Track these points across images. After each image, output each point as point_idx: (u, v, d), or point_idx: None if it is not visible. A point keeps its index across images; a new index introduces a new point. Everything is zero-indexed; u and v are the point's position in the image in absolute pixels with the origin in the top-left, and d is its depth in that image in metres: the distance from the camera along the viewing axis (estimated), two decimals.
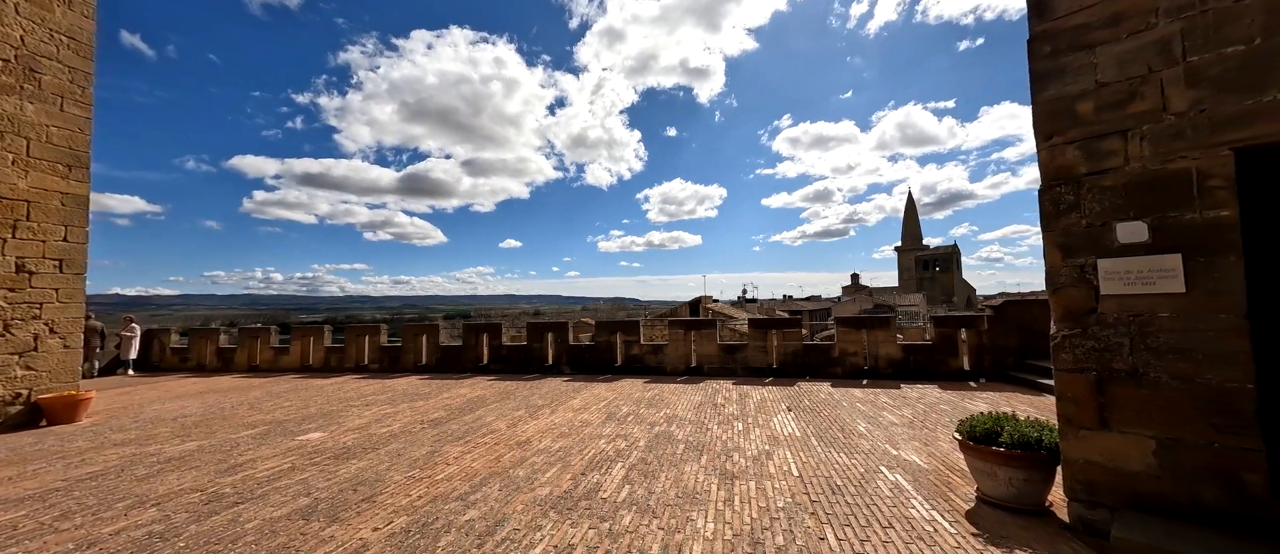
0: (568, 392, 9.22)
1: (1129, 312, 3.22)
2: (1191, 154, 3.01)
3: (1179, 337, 3.03)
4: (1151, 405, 3.12)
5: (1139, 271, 3.17)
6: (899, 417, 6.70)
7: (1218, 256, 2.92)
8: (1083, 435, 3.38)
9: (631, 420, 6.80)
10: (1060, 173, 3.54)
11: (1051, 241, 3.57)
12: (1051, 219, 3.56)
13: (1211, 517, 2.90)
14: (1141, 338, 3.16)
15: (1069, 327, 3.47)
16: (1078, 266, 3.43)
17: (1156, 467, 3.09)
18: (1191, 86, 3.02)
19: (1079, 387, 3.41)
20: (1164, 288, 3.08)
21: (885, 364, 10.17)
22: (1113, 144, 3.31)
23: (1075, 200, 3.46)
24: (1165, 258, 3.08)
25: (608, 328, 11.97)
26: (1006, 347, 9.71)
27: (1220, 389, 2.89)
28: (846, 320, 10.80)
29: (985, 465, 3.82)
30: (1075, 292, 3.44)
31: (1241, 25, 2.86)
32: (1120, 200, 3.26)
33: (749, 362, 10.88)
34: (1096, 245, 3.35)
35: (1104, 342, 3.31)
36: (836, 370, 10.45)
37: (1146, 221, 3.16)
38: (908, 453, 5.14)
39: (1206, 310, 2.94)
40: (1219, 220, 2.92)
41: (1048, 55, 3.61)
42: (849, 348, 10.47)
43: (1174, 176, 3.07)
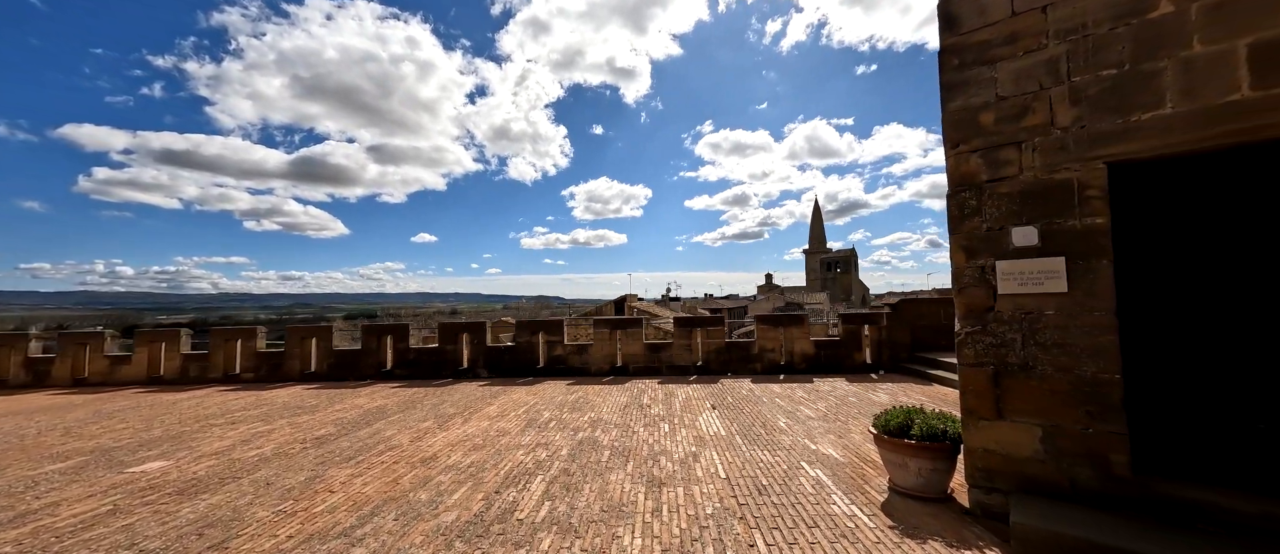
0: (484, 397, 8.53)
1: (1021, 310, 3.49)
2: (1073, 166, 3.32)
3: (1061, 332, 3.33)
4: (1039, 396, 3.40)
5: (1030, 273, 3.44)
6: (814, 410, 6.98)
7: (1093, 260, 3.23)
8: (981, 426, 3.62)
9: (554, 427, 6.38)
10: (965, 179, 3.76)
11: (956, 244, 3.79)
12: (957, 223, 3.78)
13: (1085, 495, 3.21)
14: (1031, 334, 3.44)
15: (971, 324, 3.70)
16: (979, 268, 3.67)
17: (1042, 452, 3.38)
18: (1074, 104, 3.32)
19: (979, 380, 3.64)
20: (1050, 288, 3.37)
21: (799, 359, 10.70)
22: (1009, 154, 3.57)
23: (977, 205, 3.69)
24: (1051, 260, 3.36)
25: (529, 328, 11.35)
26: (901, 341, 10.64)
27: (1094, 380, 3.21)
28: (766, 319, 11.21)
29: (898, 457, 3.98)
30: (977, 291, 3.68)
31: (1114, 51, 3.19)
32: (1015, 206, 3.53)
33: (674, 360, 10.89)
34: (995, 248, 3.60)
35: (1000, 338, 3.56)
36: (756, 366, 10.80)
37: (1037, 227, 3.43)
38: (825, 447, 5.30)
39: (1083, 309, 3.26)
40: (1094, 227, 3.24)
41: (955, 68, 3.82)
42: (767, 345, 10.87)
43: (1059, 186, 3.36)
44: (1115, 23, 3.19)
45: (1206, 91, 2.89)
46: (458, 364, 11.17)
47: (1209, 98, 2.88)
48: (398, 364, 11.28)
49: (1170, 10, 3.01)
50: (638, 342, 11.02)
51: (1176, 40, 2.99)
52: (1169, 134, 3.00)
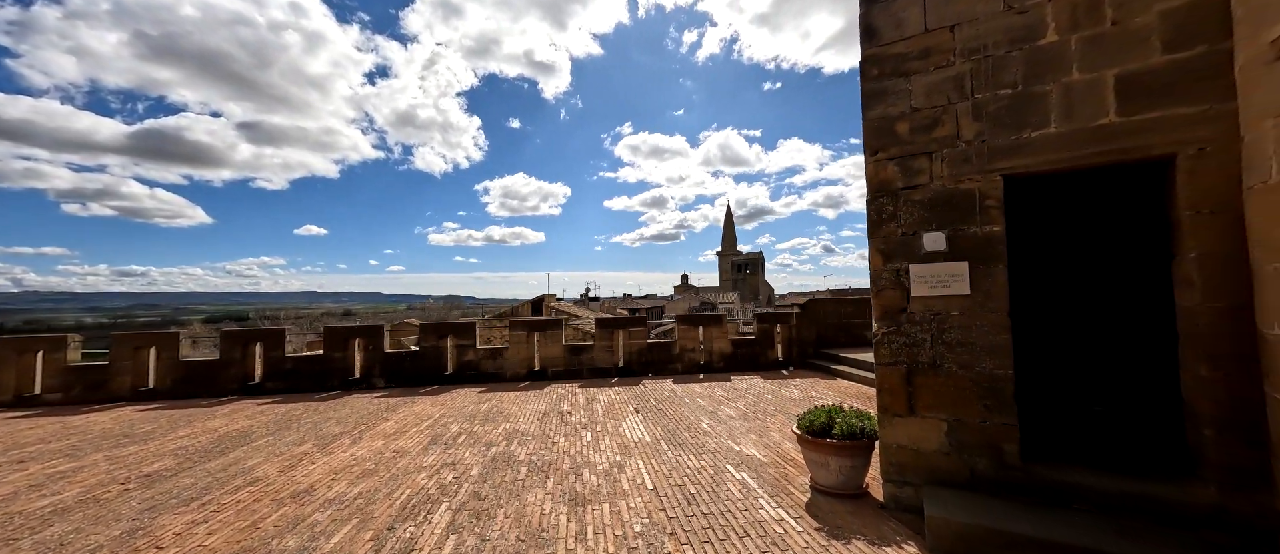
0: (380, 411, 7.52)
1: (930, 311, 3.69)
2: (975, 177, 3.57)
3: (964, 332, 3.56)
4: (945, 392, 3.61)
5: (938, 276, 3.65)
6: (735, 410, 7.07)
7: (992, 265, 3.50)
8: (896, 422, 3.78)
9: (463, 442, 5.73)
10: (882, 186, 3.91)
11: (875, 248, 3.93)
12: (875, 227, 3.92)
13: (984, 483, 3.46)
14: (939, 334, 3.65)
15: (887, 325, 3.85)
16: (895, 271, 3.83)
17: (947, 445, 3.59)
18: (976, 119, 3.57)
19: (893, 379, 3.80)
20: (955, 290, 3.59)
21: (718, 358, 10.93)
22: (922, 163, 3.77)
23: (894, 211, 3.85)
24: (956, 265, 3.59)
25: (436, 331, 10.32)
26: (809, 339, 11.32)
27: (991, 375, 3.47)
28: (686, 319, 11.30)
29: (820, 457, 4.04)
30: (892, 293, 3.83)
31: (1010, 72, 3.47)
32: (927, 213, 3.72)
33: (595, 362, 10.55)
34: (909, 252, 3.78)
35: (912, 338, 3.74)
36: (677, 366, 10.84)
37: (945, 233, 3.65)
38: (748, 447, 5.31)
39: (983, 310, 3.51)
40: (992, 234, 3.50)
41: (875, 78, 3.96)
42: (687, 344, 10.96)
43: (963, 195, 3.60)
44: (1011, 47, 3.47)
45: (1083, 114, 3.23)
46: (348, 374, 9.82)
47: (1085, 120, 3.22)
48: (270, 376, 9.63)
49: (1055, 39, 3.33)
50: (557, 344, 10.52)
51: (1060, 67, 3.31)
52: (1053, 151, 3.32)
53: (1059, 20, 3.32)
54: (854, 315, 11.72)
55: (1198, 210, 2.92)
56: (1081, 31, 3.25)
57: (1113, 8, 3.17)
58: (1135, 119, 3.08)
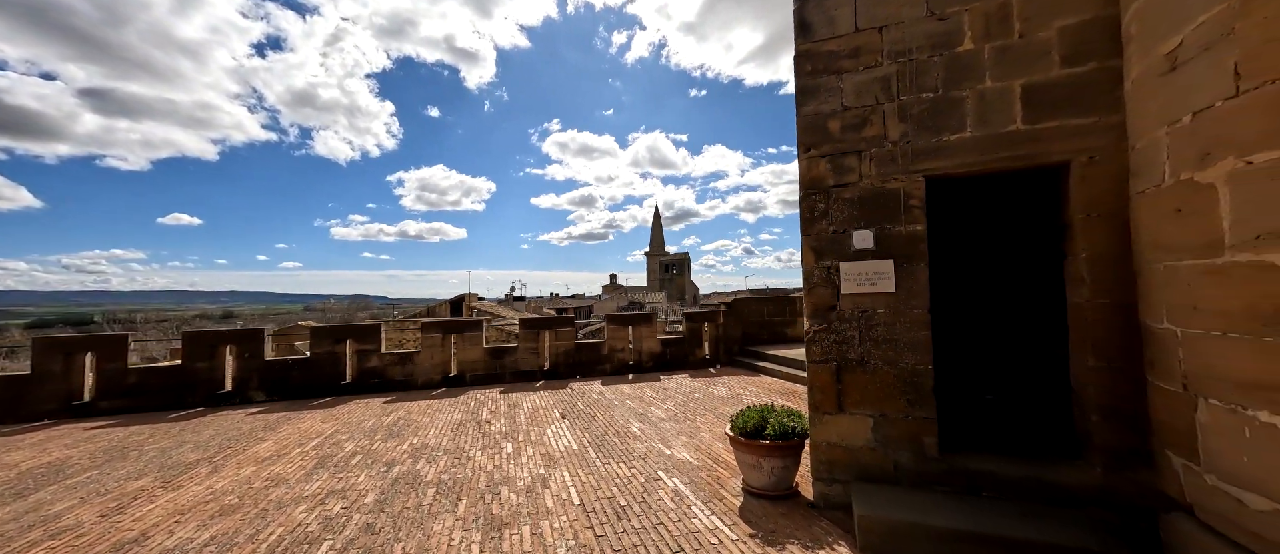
0: (254, 431, 6.38)
1: (859, 308, 3.72)
2: (900, 177, 3.65)
3: (889, 329, 3.63)
4: (872, 388, 3.65)
5: (867, 273, 3.69)
6: (665, 410, 6.90)
7: (914, 263, 3.59)
8: (826, 420, 3.77)
9: (359, 463, 4.97)
10: (815, 183, 3.90)
11: (807, 245, 3.90)
12: (808, 224, 3.89)
13: (907, 476, 3.54)
14: (867, 330, 3.69)
15: (818, 323, 3.83)
16: (826, 268, 3.82)
17: (873, 440, 3.64)
18: (901, 121, 3.66)
19: (824, 376, 3.79)
20: (882, 288, 3.65)
21: (647, 358, 10.78)
22: (851, 161, 3.79)
23: (825, 208, 3.85)
24: (883, 262, 3.65)
25: (332, 334, 9.09)
26: (734, 336, 11.57)
27: (913, 371, 3.56)
28: (615, 318, 11.03)
29: (753, 458, 3.94)
30: (824, 291, 3.83)
31: (932, 77, 3.58)
32: (856, 211, 3.76)
33: (519, 365, 9.92)
34: (840, 250, 3.79)
35: (842, 335, 3.75)
36: (606, 367, 10.53)
37: (872, 231, 3.70)
38: (679, 450, 5.14)
39: (906, 307, 3.60)
40: (915, 233, 3.60)
41: (809, 74, 3.94)
42: (617, 345, 10.70)
43: (890, 194, 3.67)
44: (933, 52, 3.59)
45: (995, 120, 3.41)
46: (216, 387, 8.31)
47: (996, 126, 3.40)
48: (107, 393, 7.87)
49: (971, 48, 3.49)
50: (477, 346, 9.74)
51: (975, 74, 3.47)
52: (968, 154, 3.47)
53: (974, 29, 3.48)
54: (775, 314, 12.18)
55: (1088, 213, 3.18)
56: (994, 41, 3.43)
57: (1020, 21, 3.37)
58: (1038, 127, 3.30)
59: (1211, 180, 2.02)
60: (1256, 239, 1.84)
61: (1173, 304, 2.30)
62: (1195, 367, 2.15)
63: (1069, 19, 3.24)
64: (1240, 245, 1.91)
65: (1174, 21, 2.22)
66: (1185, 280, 2.19)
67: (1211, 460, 2.09)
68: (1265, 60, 1.80)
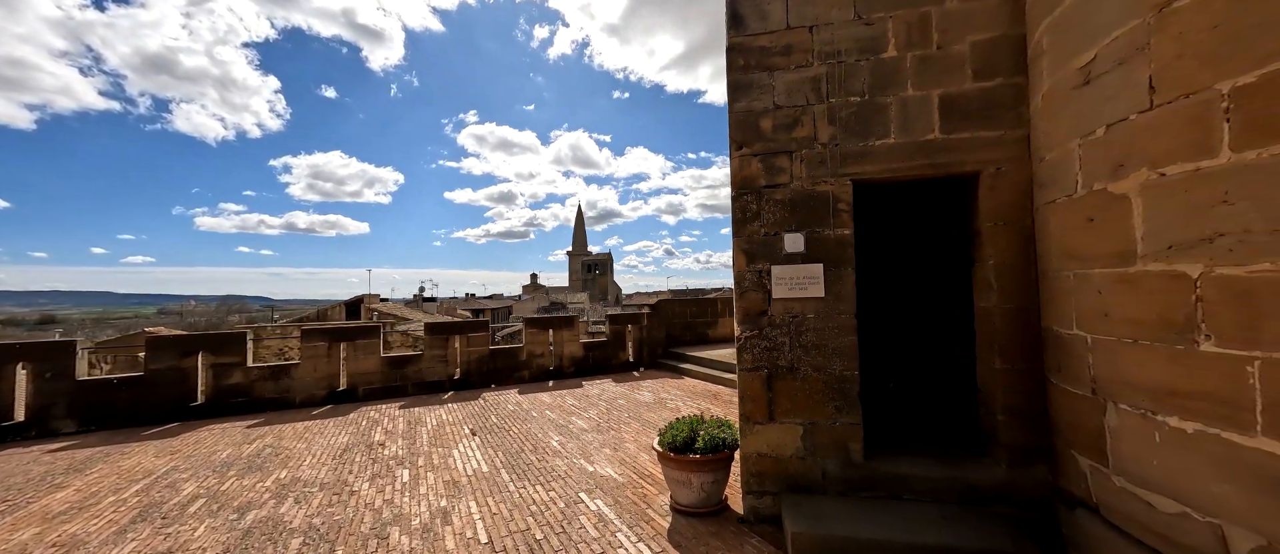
0: (49, 476, 4.93)
1: (789, 313, 3.61)
2: (829, 180, 3.60)
3: (818, 334, 3.56)
4: (802, 395, 3.56)
5: (797, 278, 3.59)
6: (588, 420, 6.50)
7: (842, 267, 3.55)
8: (757, 430, 3.62)
9: (199, 511, 3.96)
10: (747, 183, 3.73)
11: (738, 247, 3.72)
12: (740, 226, 3.72)
13: (834, 483, 3.49)
14: (796, 336, 3.59)
15: (749, 328, 3.67)
16: (757, 272, 3.67)
17: (803, 449, 3.55)
18: (831, 123, 3.61)
19: (755, 385, 3.64)
20: (811, 293, 3.57)
21: (569, 363, 10.28)
22: (783, 162, 3.68)
23: (757, 210, 3.70)
24: (813, 266, 3.57)
25: (177, 346, 7.46)
26: (659, 338, 11.46)
27: (841, 377, 3.52)
28: (535, 321, 10.37)
29: (682, 474, 3.69)
30: (755, 295, 3.67)
31: (859, 80, 3.57)
32: (787, 213, 3.65)
33: (424, 375, 8.91)
34: (771, 253, 3.65)
35: (773, 341, 3.62)
36: (524, 374, 9.86)
37: (803, 234, 3.61)
38: (603, 466, 4.77)
39: (835, 312, 3.55)
40: (844, 237, 3.56)
41: (741, 68, 3.77)
42: (536, 349, 10.07)
43: (820, 197, 3.61)
44: (860, 56, 3.58)
45: (916, 128, 3.46)
46: (3, 417, 6.41)
47: (917, 133, 3.46)
48: None
49: (895, 54, 3.52)
50: (373, 355, 8.58)
51: (899, 82, 3.51)
52: (892, 160, 3.49)
53: (898, 37, 3.52)
54: (698, 315, 12.28)
55: (995, 222, 3.32)
56: (915, 50, 3.49)
57: (938, 32, 3.45)
58: (953, 137, 3.40)
59: (1125, 191, 2.07)
60: (1168, 249, 1.88)
61: (1083, 311, 2.37)
62: (1105, 372, 2.21)
63: (980, 34, 3.37)
64: (1152, 255, 1.95)
65: (1088, 35, 2.28)
66: (1096, 288, 2.26)
67: (1121, 464, 2.15)
68: (1178, 75, 1.84)
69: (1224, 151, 1.71)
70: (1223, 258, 1.72)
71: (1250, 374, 1.65)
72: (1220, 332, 1.74)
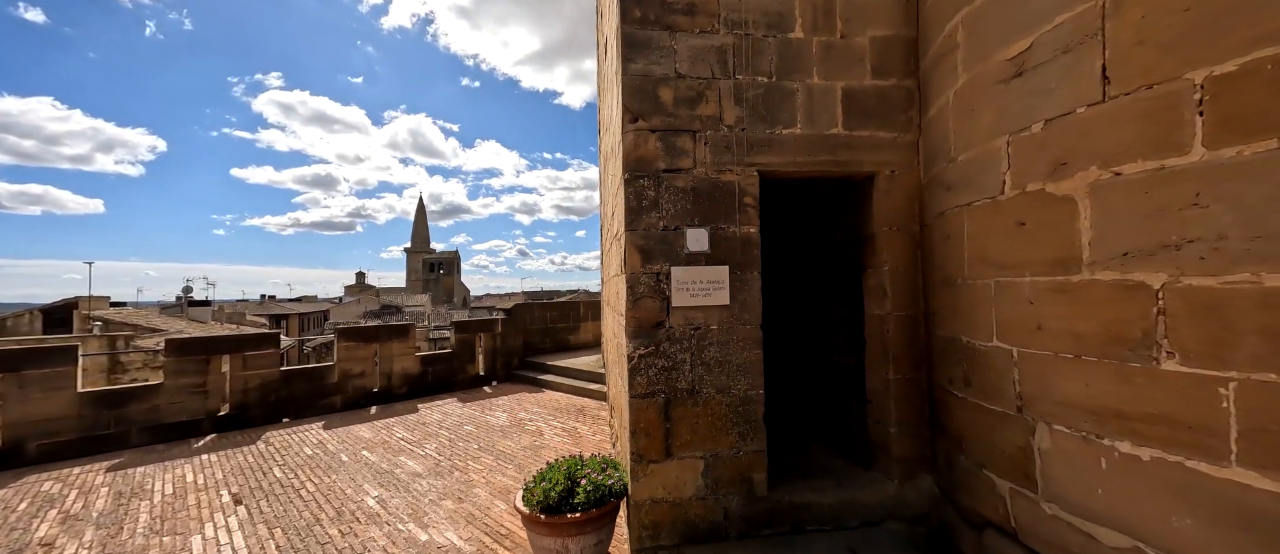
0: None
1: (691, 325, 3.00)
2: (735, 169, 3.10)
3: (722, 349, 3.02)
4: (702, 423, 2.97)
5: (701, 282, 3.00)
6: (423, 460, 5.08)
7: (748, 271, 3.07)
8: (651, 471, 2.91)
9: None
10: (643, 165, 3.02)
11: (632, 245, 2.98)
12: (634, 217, 2.98)
13: (735, 525, 2.97)
14: (699, 352, 2.99)
15: (644, 344, 2.95)
16: (655, 275, 2.97)
17: (703, 487, 2.96)
18: (737, 103, 3.11)
19: (650, 414, 2.93)
20: (716, 300, 3.01)
21: (401, 382, 8.37)
22: (686, 143, 3.06)
23: (656, 198, 3.01)
24: (718, 269, 3.02)
25: None
26: (515, 347, 10.20)
27: (744, 398, 3.03)
28: (353, 332, 8.19)
29: (557, 542, 2.78)
30: (651, 303, 2.97)
31: (767, 59, 3.15)
32: (690, 204, 3.03)
33: (163, 415, 6.19)
34: (671, 252, 2.99)
35: (672, 360, 2.97)
36: (335, 400, 7.67)
37: (707, 230, 3.04)
38: (442, 531, 3.56)
39: (739, 322, 3.05)
40: (749, 237, 3.09)
41: (638, 21, 3.04)
42: (354, 368, 7.94)
43: (725, 188, 3.08)
44: (767, 31, 3.16)
45: (821, 120, 3.17)
46: None
47: (822, 126, 3.17)
48: None
49: (802, 36, 3.19)
50: (62, 392, 5.61)
51: (805, 67, 3.18)
52: (797, 153, 3.14)
53: (804, 17, 3.19)
54: (559, 320, 11.35)
55: (890, 227, 3.21)
56: (820, 36, 3.20)
57: (841, 20, 3.22)
58: (855, 133, 3.19)
59: (1069, 192, 1.88)
60: (1124, 256, 1.70)
61: (1006, 322, 2.20)
62: (1035, 389, 2.03)
63: (879, 30, 3.24)
64: (1102, 262, 1.76)
65: (1020, 24, 2.10)
66: (1026, 298, 2.07)
67: (1053, 489, 1.97)
68: (1139, 63, 1.66)
69: (1196, 148, 1.54)
70: (1192, 267, 1.54)
71: (1223, 397, 1.48)
72: (1186, 349, 1.56)
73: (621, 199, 3.05)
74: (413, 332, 8.66)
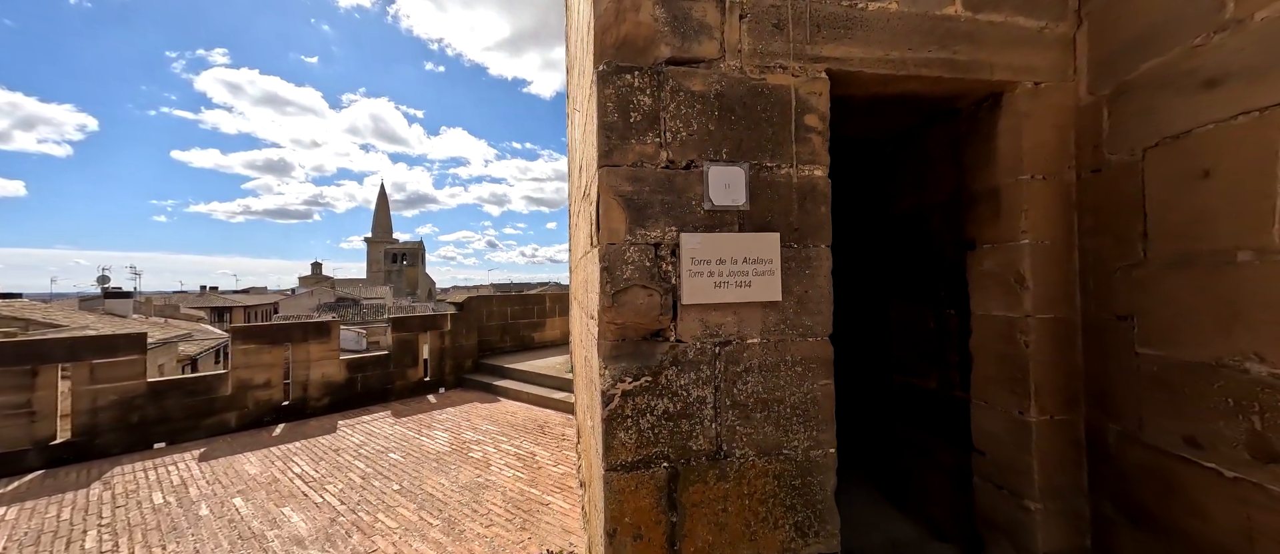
0: None
1: (714, 336, 1.70)
2: (791, 64, 1.80)
3: (767, 378, 1.73)
4: (735, 510, 1.69)
5: (732, 262, 1.70)
6: (316, 512, 3.63)
7: (811, 243, 1.79)
8: None
9: None
10: (631, 49, 1.67)
11: (611, 191, 1.64)
12: (616, 140, 1.63)
13: None
14: (728, 384, 1.70)
15: (631, 371, 1.63)
16: (651, 247, 1.65)
17: None
18: None
19: (643, 500, 1.62)
20: (758, 293, 1.72)
21: (319, 393, 6.78)
22: (707, 12, 1.73)
23: (653, 110, 1.67)
24: (762, 238, 1.72)
25: None
26: (467, 347, 8.73)
27: (805, 463, 1.76)
28: (253, 333, 6.53)
29: None
30: (644, 297, 1.64)
31: None
32: (713, 124, 1.71)
33: None
34: (680, 206, 1.67)
35: (681, 398, 1.66)
36: (229, 419, 6.05)
37: (743, 169, 1.74)
38: None
39: (797, 331, 1.77)
40: (813, 184, 1.80)
41: None
42: (255, 377, 6.31)
43: (772, 98, 1.78)
44: None
45: None
46: None
47: (928, 3, 1.91)
48: None
49: None
50: None
51: None
52: (890, 44, 1.87)
53: None
54: (521, 315, 9.90)
55: (1033, 174, 1.99)
56: None
57: None
58: (982, 18, 1.94)
59: None
60: None
61: None
62: None
63: None
64: None
65: None
66: None
67: None
68: None
69: None
70: None
71: None
72: None
73: (593, 113, 1.70)
74: (333, 331, 7.05)
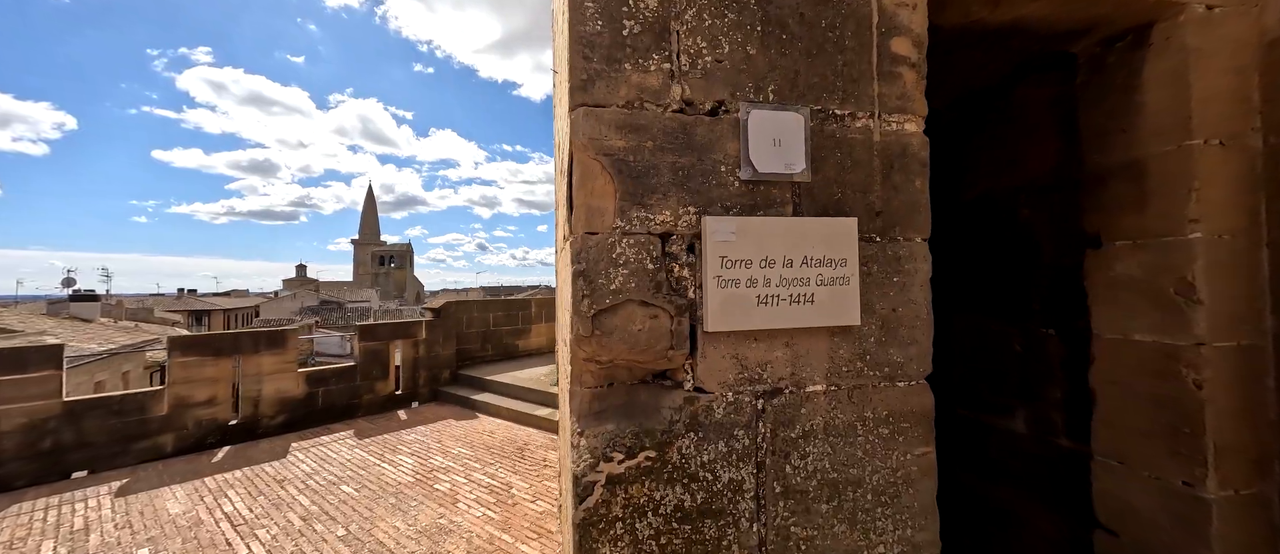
0: None
1: (757, 383, 1.07)
2: None
3: (838, 446, 1.10)
4: None
5: (786, 264, 1.07)
6: None
7: (902, 234, 1.16)
8: None
9: None
10: None
11: (590, 144, 1.00)
12: (597, 59, 1.00)
13: None
14: (779, 461, 1.07)
15: (625, 441, 0.98)
16: (657, 238, 1.02)
17: None
18: None
19: None
20: (827, 314, 1.08)
21: (273, 410, 6.04)
22: None
23: (661, 13, 1.03)
24: (829, 225, 1.10)
25: None
26: (444, 356, 8.02)
27: None
28: (195, 343, 5.78)
29: None
30: (645, 318, 1.00)
31: None
32: (755, 45, 1.08)
33: None
34: (705, 173, 1.04)
35: (707, 487, 1.02)
36: (165, 442, 5.31)
37: (800, 116, 1.11)
38: None
39: (880, 373, 1.14)
40: (904, 142, 1.18)
41: None
42: (196, 393, 5.56)
43: (843, 6, 1.15)
44: None
45: None
46: None
47: None
48: None
49: None
50: None
51: None
52: None
53: None
54: (504, 322, 9.22)
55: (1206, 137, 1.39)
56: None
57: None
58: None
59: None
60: None
61: None
62: None
63: None
64: None
65: None
66: None
67: None
68: None
69: None
70: None
71: None
72: None
73: (566, 24, 1.06)
74: (288, 341, 6.30)
